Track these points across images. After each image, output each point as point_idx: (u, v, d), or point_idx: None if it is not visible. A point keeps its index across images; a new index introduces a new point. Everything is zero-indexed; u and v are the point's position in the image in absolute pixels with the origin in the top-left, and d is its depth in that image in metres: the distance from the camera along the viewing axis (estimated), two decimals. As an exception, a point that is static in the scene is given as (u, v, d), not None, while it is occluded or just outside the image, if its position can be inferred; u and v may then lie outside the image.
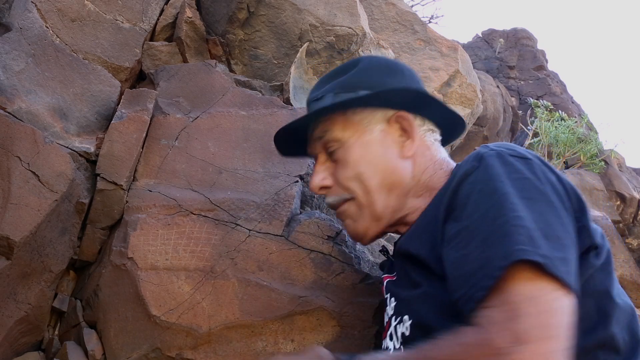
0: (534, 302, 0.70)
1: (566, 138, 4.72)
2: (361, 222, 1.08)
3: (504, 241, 0.75)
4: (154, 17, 2.03)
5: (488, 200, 0.81)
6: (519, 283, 0.72)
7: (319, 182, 1.10)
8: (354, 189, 1.06)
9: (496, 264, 0.74)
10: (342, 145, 1.07)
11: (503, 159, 0.85)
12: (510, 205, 0.78)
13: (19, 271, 1.32)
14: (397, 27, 2.82)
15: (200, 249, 1.36)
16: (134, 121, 1.60)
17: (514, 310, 0.70)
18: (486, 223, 0.79)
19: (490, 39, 7.82)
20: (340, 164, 1.08)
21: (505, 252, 0.74)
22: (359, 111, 1.07)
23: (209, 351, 1.25)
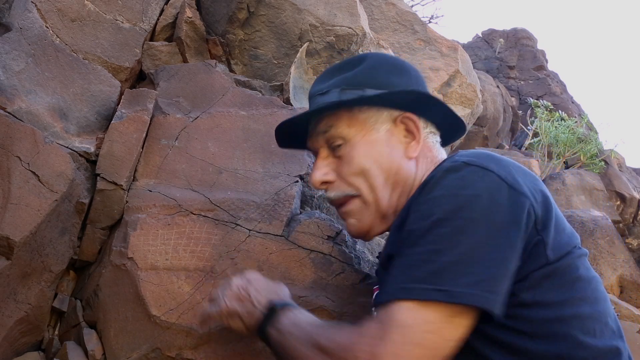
0: (403, 330, 0.77)
1: (566, 138, 4.72)
2: (366, 220, 1.08)
3: (410, 271, 0.82)
4: (154, 17, 2.03)
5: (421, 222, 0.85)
6: (401, 309, 0.79)
7: (321, 177, 1.10)
8: (359, 185, 1.06)
9: (395, 287, 0.82)
10: (348, 142, 1.07)
11: (457, 174, 0.87)
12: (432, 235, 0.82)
13: (19, 271, 1.32)
14: (397, 27, 2.82)
15: (200, 249, 1.36)
16: (134, 121, 1.60)
17: (383, 332, 0.78)
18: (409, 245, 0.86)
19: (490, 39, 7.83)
20: (344, 160, 1.07)
21: (404, 282, 0.82)
22: (365, 109, 1.07)
23: (209, 351, 1.25)
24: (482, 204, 0.82)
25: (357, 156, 1.06)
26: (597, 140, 4.93)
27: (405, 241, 0.86)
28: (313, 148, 1.15)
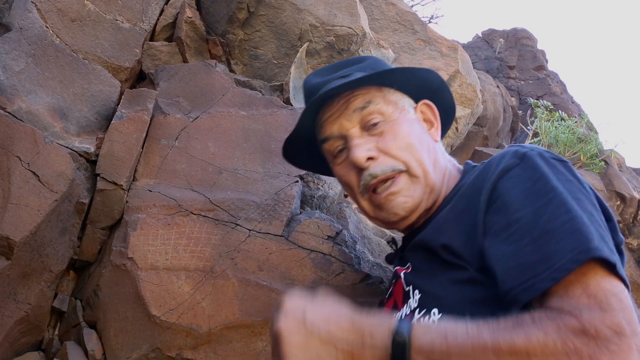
0: (617, 297, 0.71)
1: (566, 138, 4.71)
2: (417, 194, 1.04)
3: (574, 237, 0.75)
4: (154, 17, 2.03)
5: (542, 197, 0.81)
6: (598, 277, 0.73)
7: (367, 153, 1.04)
8: (407, 158, 1.04)
9: (569, 257, 0.74)
10: (387, 119, 1.07)
11: (546, 160, 0.87)
12: (568, 204, 0.79)
13: (19, 271, 1.32)
14: (397, 27, 2.82)
15: (200, 249, 1.36)
16: (134, 121, 1.60)
17: (604, 302, 0.70)
18: (544, 218, 0.79)
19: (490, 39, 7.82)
20: (388, 136, 1.06)
21: (579, 247, 0.74)
22: (392, 92, 1.11)
23: (209, 351, 1.25)
24: (580, 188, 0.84)
25: (402, 131, 1.06)
26: (597, 140, 4.92)
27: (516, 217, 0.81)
28: (338, 132, 1.09)
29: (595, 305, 0.70)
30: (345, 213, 1.57)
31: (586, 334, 0.67)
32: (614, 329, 0.67)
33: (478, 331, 0.72)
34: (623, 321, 0.68)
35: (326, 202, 1.60)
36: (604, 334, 0.67)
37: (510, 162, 0.89)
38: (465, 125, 2.96)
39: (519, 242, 0.80)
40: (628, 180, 4.88)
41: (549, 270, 0.74)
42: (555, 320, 0.69)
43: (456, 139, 3.08)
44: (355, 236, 1.45)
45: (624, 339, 0.67)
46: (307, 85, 1.16)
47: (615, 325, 0.67)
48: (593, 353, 0.66)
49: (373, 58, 1.16)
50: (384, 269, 1.38)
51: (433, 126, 1.14)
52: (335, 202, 1.61)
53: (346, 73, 1.10)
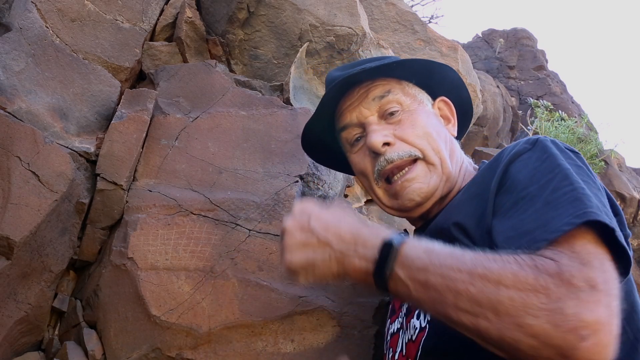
0: (599, 259, 0.71)
1: (566, 138, 4.71)
2: (433, 181, 1.05)
3: (574, 204, 0.76)
4: (154, 17, 2.03)
5: (549, 173, 0.82)
6: (587, 241, 0.73)
7: (383, 138, 1.06)
8: (424, 146, 1.06)
9: (565, 221, 0.74)
10: (406, 109, 1.10)
11: (557, 145, 0.89)
12: (574, 178, 0.80)
13: (19, 271, 1.32)
14: (397, 27, 2.81)
15: (200, 249, 1.36)
16: (134, 121, 1.60)
17: (584, 259, 0.70)
18: (548, 191, 0.80)
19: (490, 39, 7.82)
20: (406, 124, 1.08)
21: (576, 212, 0.74)
22: (411, 86, 1.15)
23: (209, 351, 1.25)
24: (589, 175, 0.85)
25: (419, 120, 1.09)
26: (597, 140, 4.92)
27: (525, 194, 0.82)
28: (357, 119, 1.11)
29: (576, 259, 0.70)
30: (345, 213, 1.57)
31: (560, 277, 0.67)
32: (588, 282, 0.67)
33: (462, 253, 0.75)
34: (599, 278, 0.68)
35: (326, 202, 1.60)
36: (576, 282, 0.67)
37: (522, 148, 0.91)
38: (465, 125, 2.96)
39: (522, 215, 0.80)
40: (628, 180, 4.88)
41: (544, 233, 0.75)
42: (535, 260, 0.70)
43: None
44: (355, 236, 1.45)
45: (595, 292, 0.66)
46: (329, 78, 1.19)
47: (590, 278, 0.67)
48: (562, 295, 0.66)
49: (392, 57, 1.20)
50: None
51: (450, 122, 1.18)
52: (335, 202, 1.61)
53: (368, 66, 1.12)
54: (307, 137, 1.25)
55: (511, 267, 0.70)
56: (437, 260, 0.75)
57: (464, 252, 0.76)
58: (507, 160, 0.90)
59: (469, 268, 0.72)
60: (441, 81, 1.17)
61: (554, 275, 0.68)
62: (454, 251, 0.77)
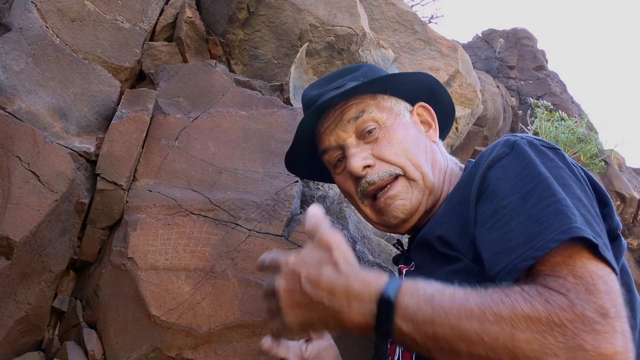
0: (603, 280, 0.70)
1: (566, 138, 4.72)
2: (415, 197, 1.06)
3: (558, 218, 0.75)
4: (154, 17, 2.03)
5: (529, 183, 0.81)
6: (584, 259, 0.72)
7: (362, 162, 1.06)
8: (403, 163, 1.06)
9: (550, 237, 0.73)
10: (382, 126, 1.09)
11: (536, 148, 0.87)
12: (554, 188, 0.79)
13: (19, 271, 1.32)
14: (397, 27, 2.81)
15: (200, 249, 1.36)
16: (134, 121, 1.60)
17: (590, 284, 0.69)
18: (530, 203, 0.79)
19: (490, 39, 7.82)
20: (383, 142, 1.08)
21: (561, 227, 0.74)
22: (386, 98, 1.13)
23: (209, 351, 1.25)
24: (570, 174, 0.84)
25: (397, 137, 1.08)
26: (597, 140, 4.92)
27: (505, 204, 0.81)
28: (335, 142, 1.11)
29: (581, 286, 0.69)
30: (345, 213, 1.57)
31: (573, 311, 0.66)
32: (599, 311, 0.66)
33: (465, 297, 0.72)
34: (608, 303, 0.67)
35: (326, 202, 1.60)
36: (589, 314, 0.66)
37: (500, 152, 0.89)
38: (465, 125, 2.96)
39: (505, 228, 0.80)
40: (628, 180, 4.88)
41: (531, 250, 0.74)
42: (543, 295, 0.69)
43: (456, 139, 3.08)
44: (355, 236, 1.45)
45: (608, 320, 0.66)
46: (304, 98, 1.18)
47: (600, 306, 0.67)
48: (578, 330, 0.65)
49: (368, 65, 1.18)
50: (384, 269, 1.38)
51: (431, 127, 1.16)
52: (335, 202, 1.61)
53: (340, 84, 1.12)
54: (290, 158, 1.25)
55: (521, 307, 0.68)
56: (442, 309, 0.72)
57: (467, 294, 0.73)
58: (485, 166, 0.89)
59: (478, 315, 0.69)
60: (416, 87, 1.16)
61: (567, 309, 0.67)
62: (456, 295, 0.73)
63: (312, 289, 0.80)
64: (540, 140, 0.90)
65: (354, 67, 1.18)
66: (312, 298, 0.80)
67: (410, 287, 0.76)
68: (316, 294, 0.79)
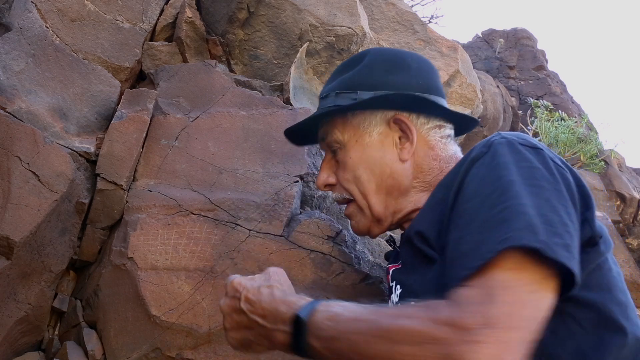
0: (509, 291, 0.70)
1: (566, 138, 4.72)
2: (363, 223, 1.11)
3: (502, 226, 0.74)
4: (154, 17, 2.03)
5: (491, 186, 0.80)
6: (502, 270, 0.71)
7: (324, 180, 1.13)
8: (352, 191, 1.09)
9: (489, 247, 0.73)
10: (343, 147, 1.09)
11: (512, 147, 0.85)
12: (513, 192, 0.77)
13: (19, 271, 1.32)
14: (397, 27, 2.81)
15: (200, 249, 1.36)
16: (134, 121, 1.60)
17: (489, 294, 0.69)
18: (486, 207, 0.78)
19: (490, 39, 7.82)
20: (341, 165, 1.11)
21: (499, 237, 0.73)
22: (357, 113, 1.07)
23: (209, 351, 1.25)
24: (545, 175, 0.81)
25: (349, 162, 1.08)
26: (597, 140, 4.92)
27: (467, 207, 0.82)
28: (322, 149, 1.19)
29: (479, 297, 0.69)
30: (345, 213, 1.57)
31: (454, 323, 0.67)
32: (483, 322, 0.66)
33: (367, 316, 0.75)
34: (499, 314, 0.67)
35: (326, 202, 1.60)
36: (469, 324, 0.66)
37: (478, 152, 0.87)
38: (465, 125, 2.96)
39: (462, 231, 0.80)
40: (628, 180, 4.88)
41: (472, 260, 0.74)
42: (430, 309, 0.71)
43: (456, 139, 3.07)
44: (355, 236, 1.45)
45: (487, 331, 0.65)
46: None
47: (487, 316, 0.66)
48: (454, 341, 0.65)
49: (372, 55, 1.10)
50: (384, 269, 1.38)
51: (408, 140, 1.06)
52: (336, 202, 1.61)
53: (326, 93, 1.12)
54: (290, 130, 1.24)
55: (410, 322, 0.70)
56: (344, 326, 0.76)
57: (371, 312, 0.76)
58: (464, 169, 0.87)
59: (367, 329, 0.73)
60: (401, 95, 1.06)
61: (449, 321, 0.67)
62: (362, 313, 0.77)
63: (250, 310, 0.87)
64: (522, 139, 0.87)
65: (359, 57, 1.12)
66: (249, 318, 0.87)
67: (323, 307, 0.81)
68: (252, 316, 0.87)
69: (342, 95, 1.07)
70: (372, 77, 1.06)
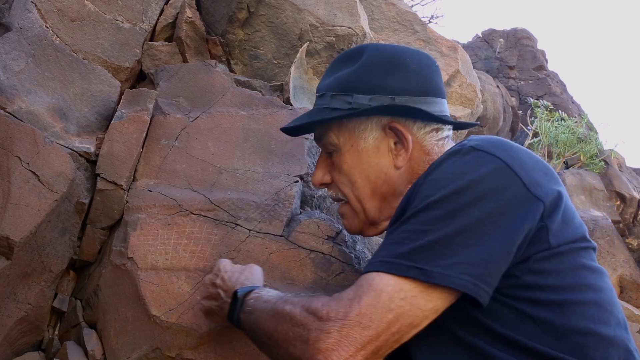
0: (376, 294, 0.79)
1: (566, 138, 4.72)
2: (356, 224, 1.14)
3: (390, 247, 0.85)
4: (154, 17, 2.03)
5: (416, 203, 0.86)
6: (377, 277, 0.82)
7: (319, 179, 1.15)
8: (347, 194, 1.10)
9: (373, 261, 0.85)
10: (339, 150, 1.09)
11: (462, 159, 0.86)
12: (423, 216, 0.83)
13: (19, 271, 1.32)
14: (397, 27, 2.81)
15: (200, 249, 1.36)
16: (134, 121, 1.60)
17: (357, 295, 0.81)
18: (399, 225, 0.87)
19: (490, 39, 7.83)
20: (336, 167, 1.11)
21: (380, 257, 0.85)
22: (353, 118, 1.05)
23: (209, 351, 1.25)
24: (480, 190, 0.81)
25: (345, 166, 1.08)
26: (597, 140, 4.92)
27: (399, 220, 0.88)
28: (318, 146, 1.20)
29: (351, 295, 0.82)
30: (345, 213, 1.57)
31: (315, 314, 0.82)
32: (340, 316, 0.79)
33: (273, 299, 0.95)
34: (354, 311, 0.79)
35: (326, 202, 1.60)
36: (327, 317, 0.80)
37: (437, 160, 0.91)
38: (465, 125, 2.96)
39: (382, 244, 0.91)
40: (628, 180, 4.88)
41: (367, 265, 0.87)
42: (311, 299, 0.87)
43: (456, 139, 3.08)
44: (355, 236, 1.45)
45: (340, 326, 0.78)
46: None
47: (344, 313, 0.79)
48: (312, 327, 0.81)
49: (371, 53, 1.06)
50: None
51: (404, 146, 1.04)
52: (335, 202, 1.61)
53: (322, 92, 1.09)
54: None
55: (291, 307, 0.88)
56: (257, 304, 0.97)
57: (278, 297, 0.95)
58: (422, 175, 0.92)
59: (266, 309, 0.93)
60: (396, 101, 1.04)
61: (315, 311, 0.82)
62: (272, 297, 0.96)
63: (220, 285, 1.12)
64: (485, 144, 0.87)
65: (358, 51, 1.08)
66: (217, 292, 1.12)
67: (257, 291, 1.02)
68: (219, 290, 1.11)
69: (337, 97, 1.05)
70: (369, 80, 1.03)
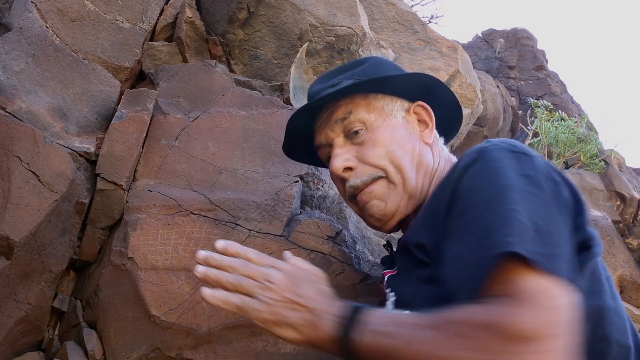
0: (538, 297, 0.70)
1: (566, 138, 4.71)
2: (393, 201, 1.06)
3: (497, 232, 0.75)
4: (154, 17, 2.03)
5: (486, 194, 0.81)
6: (519, 277, 0.71)
7: (343, 163, 1.07)
8: (385, 166, 1.06)
9: (488, 255, 0.74)
10: (369, 127, 1.08)
11: (504, 154, 0.85)
12: (506, 198, 0.78)
13: (19, 271, 1.32)
14: (397, 27, 2.81)
15: (200, 249, 1.36)
16: (134, 121, 1.60)
17: (522, 303, 0.69)
18: (483, 216, 0.79)
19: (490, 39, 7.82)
20: (367, 144, 1.08)
21: (495, 243, 0.74)
22: (380, 97, 1.11)
23: (209, 351, 1.25)
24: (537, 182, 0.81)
25: (381, 139, 1.07)
26: (597, 140, 4.92)
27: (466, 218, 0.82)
28: (325, 140, 1.13)
29: (515, 306, 0.69)
30: (345, 213, 1.57)
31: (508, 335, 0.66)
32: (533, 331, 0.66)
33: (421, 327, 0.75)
34: (543, 322, 0.67)
35: (326, 202, 1.60)
36: (522, 336, 0.66)
37: (469, 160, 0.88)
38: (465, 125, 2.96)
39: (462, 242, 0.81)
40: (628, 180, 4.88)
41: (478, 270, 0.75)
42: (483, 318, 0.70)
43: (456, 139, 3.08)
44: (355, 236, 1.45)
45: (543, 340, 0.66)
46: (308, 93, 1.19)
47: (532, 326, 0.66)
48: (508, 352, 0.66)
49: (373, 60, 1.16)
50: (381, 274, 1.38)
51: (427, 127, 1.13)
52: (335, 202, 1.61)
53: (336, 82, 1.11)
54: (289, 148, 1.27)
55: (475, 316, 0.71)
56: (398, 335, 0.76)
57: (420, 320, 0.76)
58: (456, 176, 0.88)
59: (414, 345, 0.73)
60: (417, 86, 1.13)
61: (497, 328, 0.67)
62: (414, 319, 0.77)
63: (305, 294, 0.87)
64: (512, 145, 0.88)
65: (359, 61, 1.17)
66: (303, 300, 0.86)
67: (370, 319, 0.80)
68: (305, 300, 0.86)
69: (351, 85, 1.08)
70: (386, 71, 1.13)
